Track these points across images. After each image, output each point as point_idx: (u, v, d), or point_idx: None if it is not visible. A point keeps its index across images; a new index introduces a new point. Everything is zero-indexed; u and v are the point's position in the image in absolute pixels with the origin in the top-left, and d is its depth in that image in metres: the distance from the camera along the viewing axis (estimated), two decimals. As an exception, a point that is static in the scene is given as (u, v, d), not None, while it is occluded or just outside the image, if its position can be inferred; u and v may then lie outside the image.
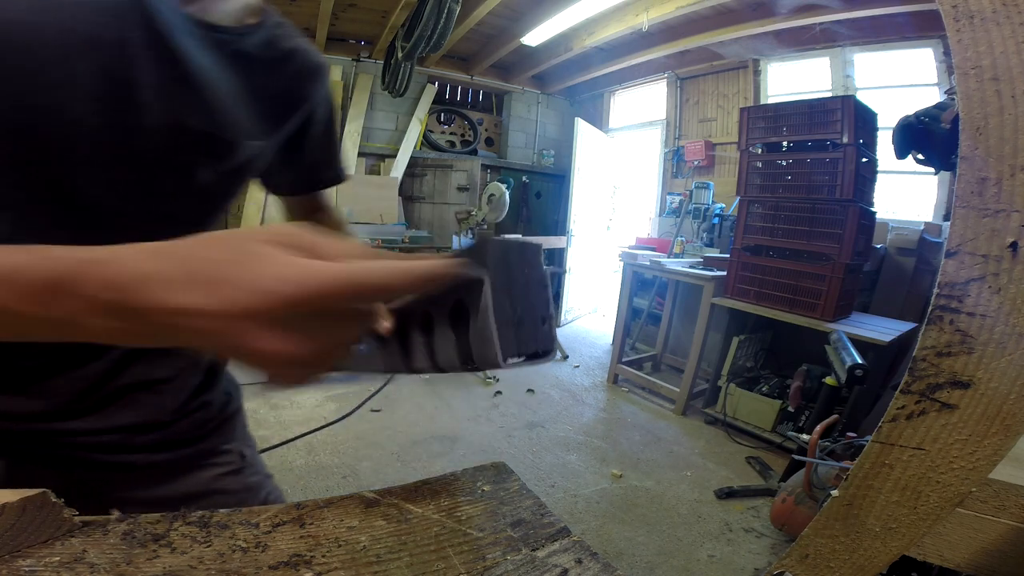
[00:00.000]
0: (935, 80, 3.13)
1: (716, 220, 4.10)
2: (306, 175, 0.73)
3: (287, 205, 0.80)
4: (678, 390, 3.16)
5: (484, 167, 5.56)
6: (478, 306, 0.32)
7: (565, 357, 4.11)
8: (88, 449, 0.55)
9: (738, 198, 3.01)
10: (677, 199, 4.64)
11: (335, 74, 4.65)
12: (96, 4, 0.43)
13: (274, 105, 0.59)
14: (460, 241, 4.01)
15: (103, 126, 0.45)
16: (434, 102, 5.49)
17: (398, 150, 5.15)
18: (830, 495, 0.30)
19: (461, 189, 5.34)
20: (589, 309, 5.74)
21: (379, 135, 5.20)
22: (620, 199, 6.24)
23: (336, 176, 0.76)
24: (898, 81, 3.35)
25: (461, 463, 2.53)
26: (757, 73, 4.14)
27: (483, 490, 0.50)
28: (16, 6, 0.39)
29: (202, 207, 0.58)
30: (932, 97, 3.02)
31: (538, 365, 0.36)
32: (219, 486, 0.65)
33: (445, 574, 0.38)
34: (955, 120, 1.73)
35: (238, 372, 0.61)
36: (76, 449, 0.55)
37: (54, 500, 0.32)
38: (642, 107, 5.49)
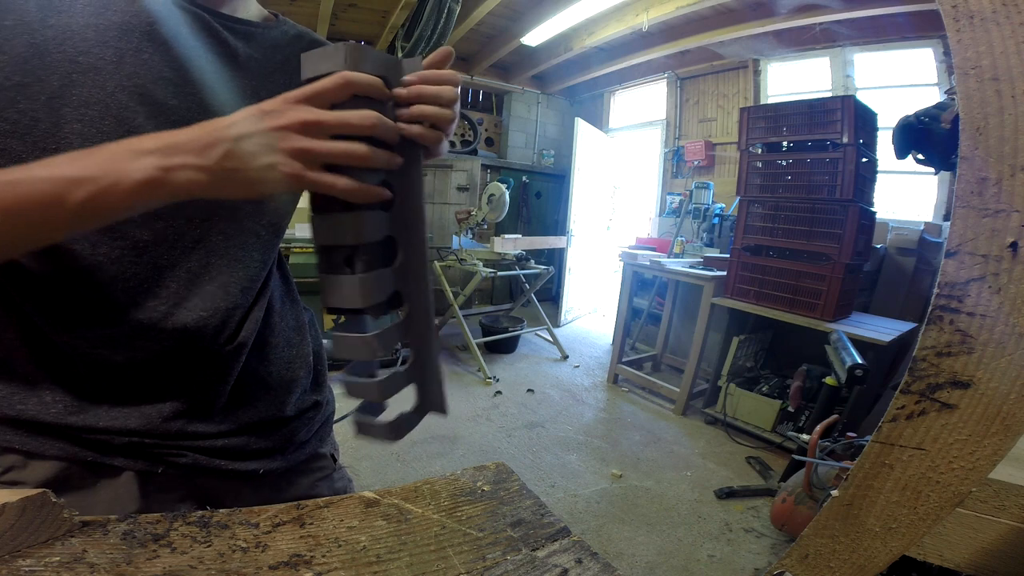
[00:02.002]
0: (935, 80, 3.13)
1: (716, 220, 4.10)
2: None
3: None
4: (678, 390, 3.16)
5: (484, 167, 5.56)
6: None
7: (565, 357, 4.11)
8: (213, 454, 0.57)
9: (738, 198, 3.01)
10: (677, 199, 4.64)
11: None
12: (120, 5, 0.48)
13: None
14: (460, 241, 4.01)
15: (188, 108, 0.50)
16: (434, 102, 5.48)
17: (398, 150, 5.14)
18: (830, 495, 0.30)
19: (461, 189, 5.33)
20: (589, 309, 5.74)
21: (379, 135, 5.18)
22: (620, 199, 6.24)
23: None
24: (898, 81, 3.34)
25: (461, 463, 2.53)
26: (757, 73, 4.14)
27: (483, 490, 0.50)
28: (72, 10, 0.46)
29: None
30: (932, 97, 3.02)
31: None
32: (315, 492, 0.66)
33: (445, 574, 0.38)
34: (955, 120, 1.73)
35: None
36: (203, 454, 0.56)
37: (54, 500, 0.32)
38: (642, 107, 5.49)
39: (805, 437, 1.91)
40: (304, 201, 0.55)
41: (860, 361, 1.87)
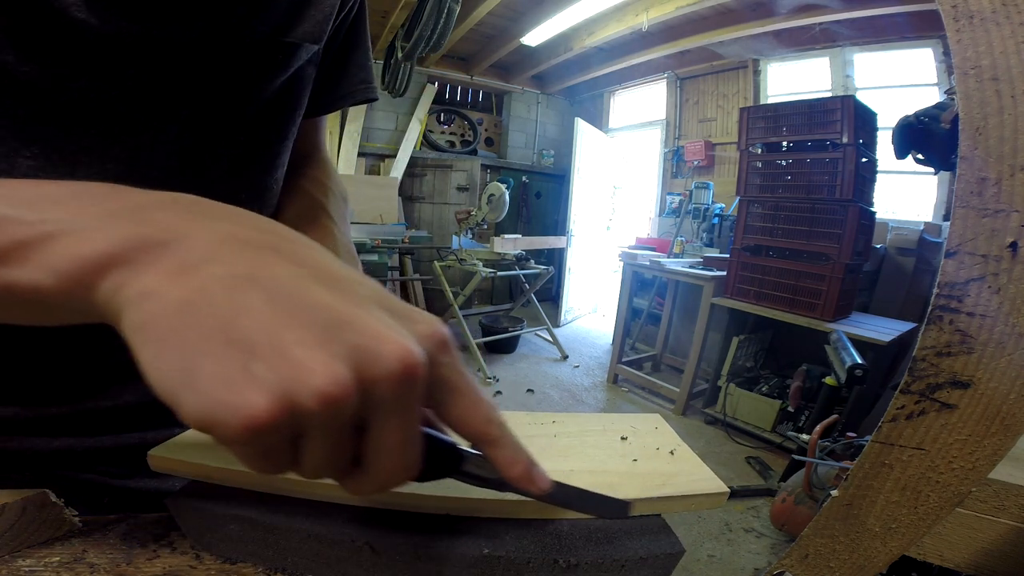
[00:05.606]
0: (935, 80, 3.13)
1: (716, 220, 4.10)
2: (324, 88, 0.56)
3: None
4: (678, 390, 3.16)
5: (484, 167, 5.56)
6: None
7: (565, 357, 4.11)
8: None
9: (738, 198, 3.01)
10: (677, 199, 4.64)
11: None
12: None
13: None
14: (460, 241, 4.02)
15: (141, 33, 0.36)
16: (434, 102, 5.48)
17: (398, 150, 5.15)
18: (830, 495, 0.30)
19: (461, 189, 5.33)
20: (589, 309, 5.74)
21: (379, 135, 5.19)
22: (620, 199, 6.24)
23: (364, 87, 0.59)
24: (898, 81, 3.35)
25: (461, 463, 2.52)
26: (757, 73, 4.14)
27: (483, 490, 0.50)
28: None
29: (267, 128, 0.48)
30: (932, 97, 3.02)
31: None
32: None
33: (445, 574, 0.38)
34: (955, 120, 1.72)
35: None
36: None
37: (54, 500, 0.32)
38: (642, 107, 5.49)
39: (805, 437, 1.91)
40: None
41: (860, 361, 1.87)
